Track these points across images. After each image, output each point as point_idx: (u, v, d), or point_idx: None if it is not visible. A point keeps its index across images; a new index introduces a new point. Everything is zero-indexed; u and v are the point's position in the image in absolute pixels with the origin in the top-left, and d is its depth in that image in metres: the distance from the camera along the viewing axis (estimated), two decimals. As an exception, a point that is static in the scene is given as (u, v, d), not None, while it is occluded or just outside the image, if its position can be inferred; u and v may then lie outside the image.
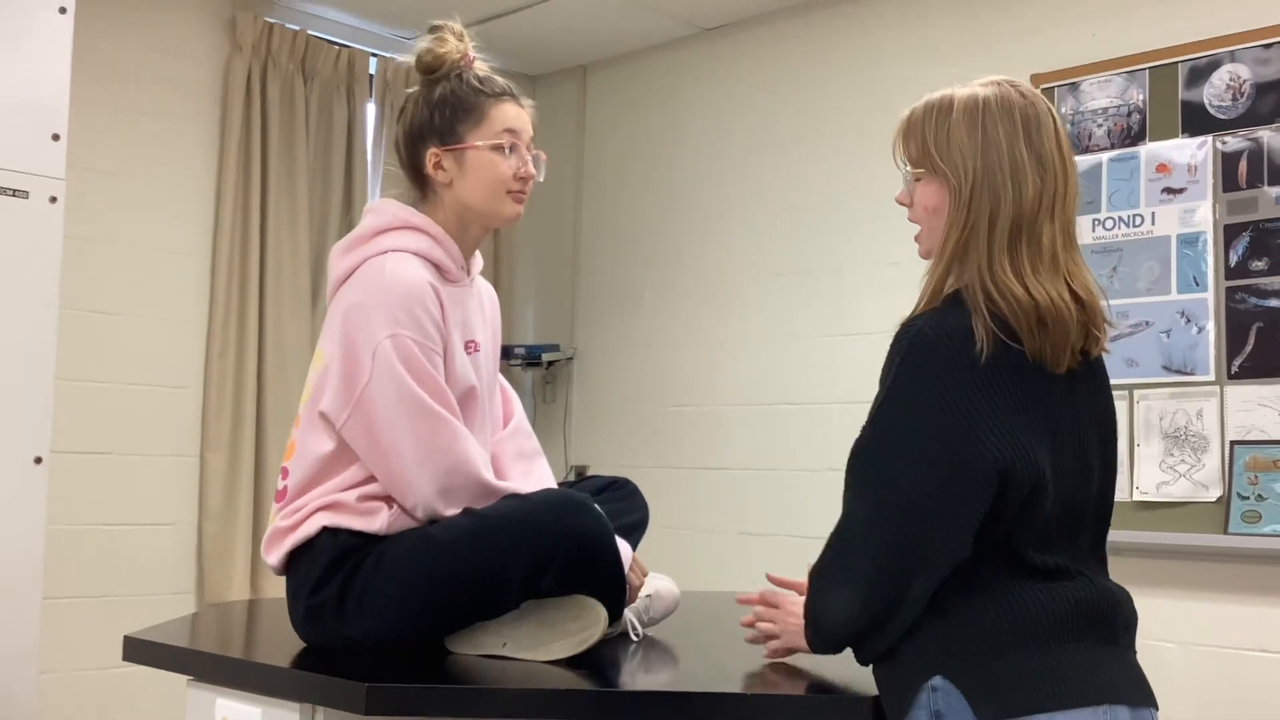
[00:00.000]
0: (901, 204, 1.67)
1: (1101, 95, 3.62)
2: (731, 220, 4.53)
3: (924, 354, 1.51)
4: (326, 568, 1.83)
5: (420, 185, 2.00)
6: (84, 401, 3.85)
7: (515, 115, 1.99)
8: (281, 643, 1.91)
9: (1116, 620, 1.57)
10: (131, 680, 3.20)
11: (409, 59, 2.03)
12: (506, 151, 1.96)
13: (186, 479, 4.11)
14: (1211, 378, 3.35)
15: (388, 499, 1.86)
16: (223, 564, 4.09)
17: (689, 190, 4.67)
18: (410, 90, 2.04)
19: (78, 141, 2.99)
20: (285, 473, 1.93)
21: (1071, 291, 1.55)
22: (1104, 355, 1.65)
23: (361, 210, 2.25)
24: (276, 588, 1.95)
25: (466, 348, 1.95)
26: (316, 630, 1.86)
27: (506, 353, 4.77)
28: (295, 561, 1.88)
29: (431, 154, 1.97)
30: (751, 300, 4.43)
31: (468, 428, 1.89)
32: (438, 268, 1.93)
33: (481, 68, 2.02)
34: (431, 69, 1.99)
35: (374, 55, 4.62)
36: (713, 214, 4.59)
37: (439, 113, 1.97)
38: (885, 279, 4.01)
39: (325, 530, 1.84)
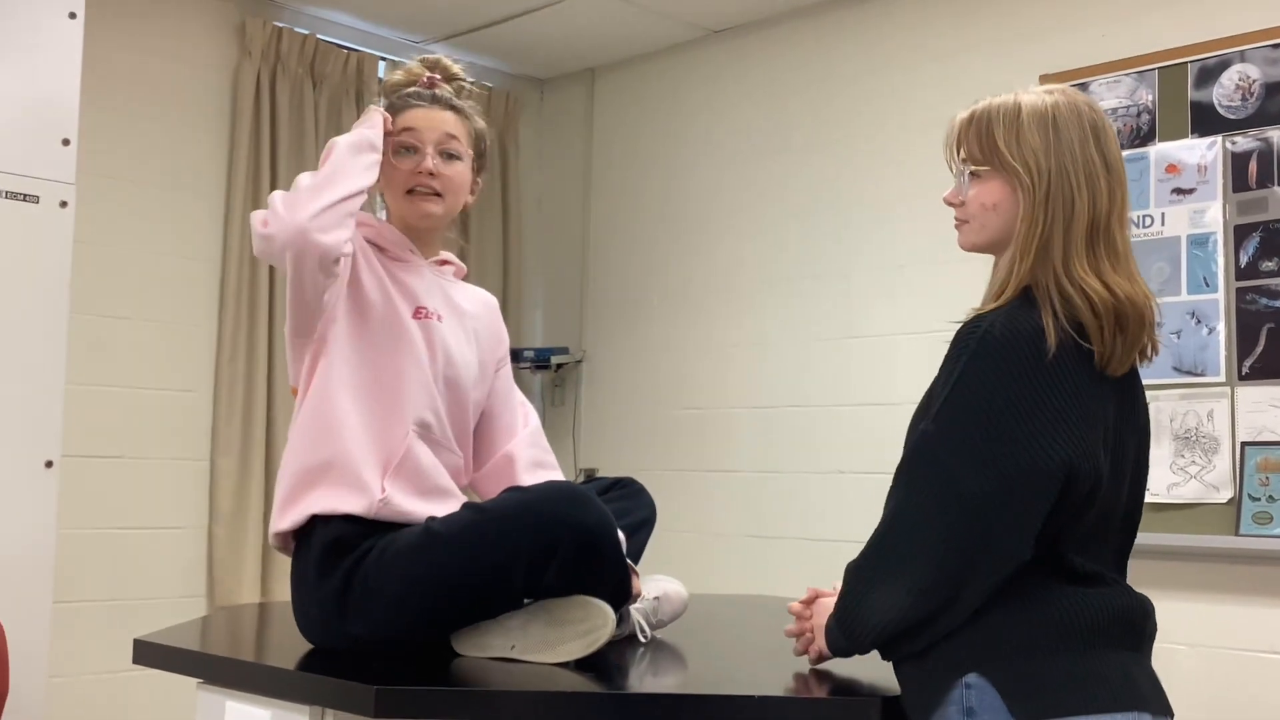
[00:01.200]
0: (950, 204, 1.68)
1: (1111, 96, 3.61)
2: (740, 223, 4.53)
3: (992, 352, 1.50)
4: (320, 559, 1.85)
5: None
6: (94, 406, 3.86)
7: (420, 116, 2.05)
8: (291, 646, 1.92)
9: (1145, 630, 1.58)
10: (141, 683, 3.21)
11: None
12: (404, 152, 2.03)
13: (196, 483, 4.12)
14: (1222, 379, 3.34)
15: (380, 482, 1.87)
16: (233, 568, 4.10)
17: (697, 193, 4.67)
18: None
19: (88, 146, 3.00)
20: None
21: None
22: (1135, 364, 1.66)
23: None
24: (287, 591, 1.95)
25: (416, 314, 1.99)
26: (320, 627, 1.87)
27: (515, 355, 4.78)
28: (296, 548, 1.92)
29: None
30: (760, 303, 4.43)
31: (404, 371, 1.94)
32: (379, 248, 2.01)
33: (445, 88, 2.09)
34: (384, 91, 2.12)
35: (383, 59, 4.62)
36: (721, 217, 4.59)
37: None
38: (893, 283, 4.02)
39: (316, 520, 1.87)
